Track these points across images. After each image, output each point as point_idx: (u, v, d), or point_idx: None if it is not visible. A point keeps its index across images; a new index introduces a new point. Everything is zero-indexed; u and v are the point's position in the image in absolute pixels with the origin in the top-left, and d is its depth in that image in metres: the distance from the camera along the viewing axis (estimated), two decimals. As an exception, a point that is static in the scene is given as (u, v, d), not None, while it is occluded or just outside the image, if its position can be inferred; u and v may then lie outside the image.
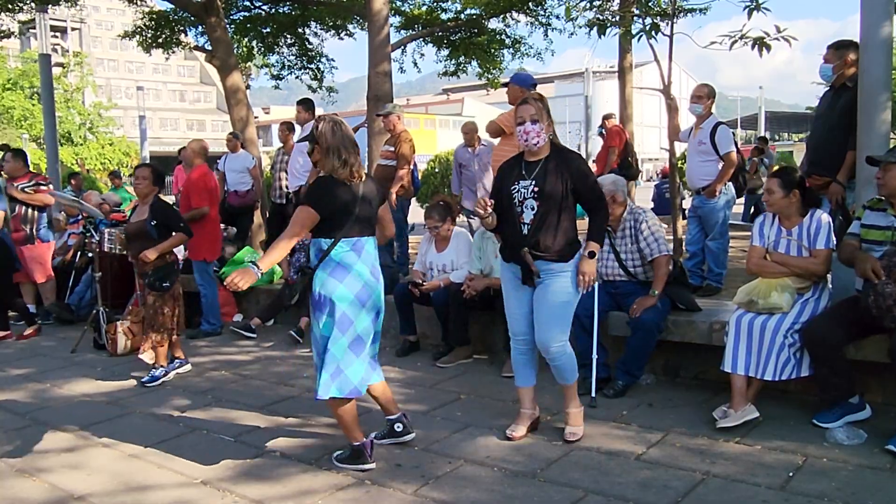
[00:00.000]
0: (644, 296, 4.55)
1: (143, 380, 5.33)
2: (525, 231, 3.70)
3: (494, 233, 4.15)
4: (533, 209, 3.69)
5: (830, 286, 4.23)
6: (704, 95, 5.95)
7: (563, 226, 3.69)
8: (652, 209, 5.74)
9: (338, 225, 3.51)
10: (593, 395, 4.43)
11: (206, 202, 6.74)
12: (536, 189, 3.67)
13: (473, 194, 7.67)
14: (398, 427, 3.88)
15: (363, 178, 3.63)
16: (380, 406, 3.93)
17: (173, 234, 5.50)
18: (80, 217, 8.46)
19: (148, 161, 16.97)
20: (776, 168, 5.45)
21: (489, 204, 3.69)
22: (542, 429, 4.06)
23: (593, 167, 11.20)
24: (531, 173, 3.72)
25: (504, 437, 3.95)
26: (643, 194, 14.65)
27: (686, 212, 6.74)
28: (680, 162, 9.00)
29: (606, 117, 10.54)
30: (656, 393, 4.60)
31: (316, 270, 3.52)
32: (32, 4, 10.83)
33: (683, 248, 6.40)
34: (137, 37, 12.86)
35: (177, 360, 5.57)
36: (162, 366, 5.39)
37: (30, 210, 7.57)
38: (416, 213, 8.74)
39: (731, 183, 5.91)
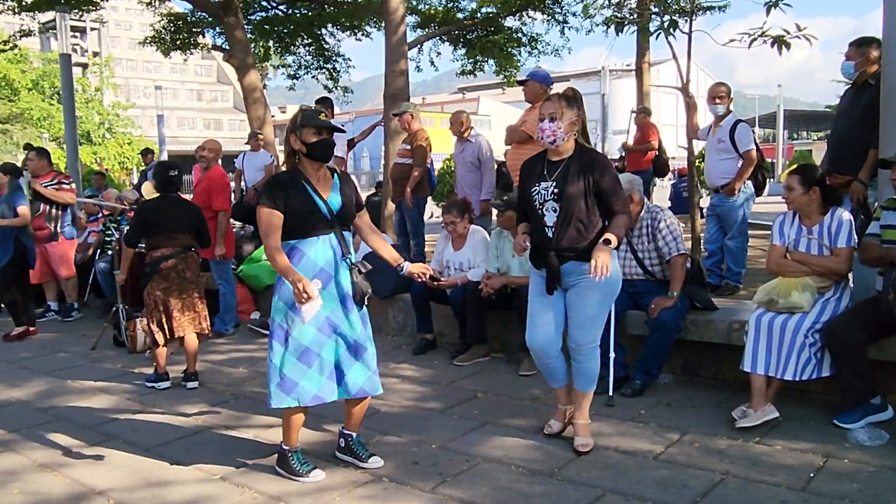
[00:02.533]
0: (662, 295, 4.52)
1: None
2: (549, 234, 3.57)
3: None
4: (555, 211, 3.55)
5: (852, 286, 4.18)
6: (725, 95, 5.90)
7: (589, 226, 3.55)
8: (669, 208, 5.71)
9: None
10: (611, 394, 4.41)
11: (228, 204, 6.80)
12: (556, 191, 3.54)
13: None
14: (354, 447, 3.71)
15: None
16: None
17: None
18: (99, 215, 8.56)
19: (166, 160, 17.09)
20: (794, 166, 5.40)
21: (526, 242, 3.63)
22: (560, 428, 4.05)
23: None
24: (552, 174, 3.59)
25: (522, 435, 3.94)
26: (660, 193, 14.56)
27: (704, 210, 6.69)
28: (698, 160, 8.93)
29: (642, 111, 10.37)
30: (674, 392, 4.57)
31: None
32: (56, 8, 10.95)
33: (702, 246, 6.35)
34: (156, 43, 13.00)
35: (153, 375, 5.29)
36: (157, 371, 5.27)
37: (53, 208, 7.68)
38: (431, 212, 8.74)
39: (750, 181, 5.86)
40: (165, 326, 5.16)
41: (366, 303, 3.50)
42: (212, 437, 4.19)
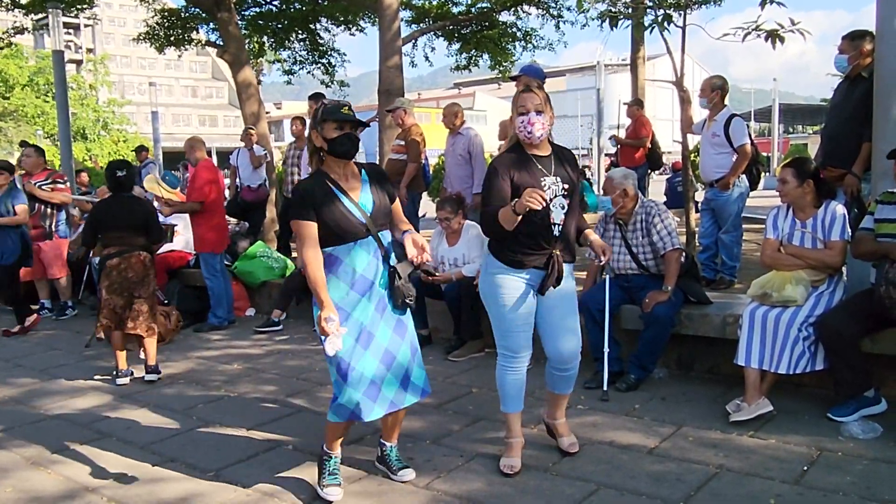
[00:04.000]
0: (656, 290, 4.52)
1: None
2: (556, 232, 3.33)
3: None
4: (563, 208, 3.33)
5: (846, 279, 4.19)
6: (708, 88, 5.90)
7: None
8: (664, 202, 5.70)
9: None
10: (605, 388, 4.41)
11: (202, 196, 6.71)
12: (566, 186, 3.34)
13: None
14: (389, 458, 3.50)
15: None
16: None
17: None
18: (93, 212, 8.53)
19: (116, 160, 17.07)
20: (789, 159, 5.39)
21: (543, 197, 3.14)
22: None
23: (605, 162, 11.02)
24: (550, 169, 3.35)
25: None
26: (655, 188, 14.56)
27: (699, 205, 6.69)
28: (693, 155, 8.94)
29: (635, 103, 10.36)
30: (669, 387, 4.57)
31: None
32: (48, 5, 10.89)
33: (696, 241, 6.35)
34: (150, 39, 12.96)
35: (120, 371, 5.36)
36: (117, 367, 5.37)
37: (48, 208, 7.69)
38: (427, 207, 8.73)
39: (744, 175, 5.86)
40: (104, 321, 5.33)
41: (409, 305, 3.23)
42: (205, 434, 4.18)
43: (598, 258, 3.55)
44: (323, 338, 2.98)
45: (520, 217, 3.17)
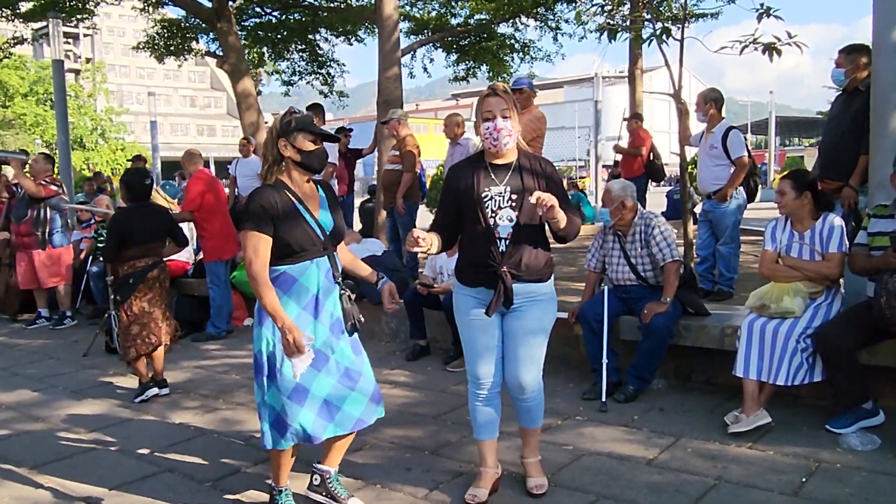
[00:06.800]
0: (655, 301, 4.53)
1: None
2: (503, 247, 3.08)
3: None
4: (511, 220, 3.08)
5: (843, 291, 4.20)
6: (702, 101, 5.94)
7: (542, 241, 3.17)
8: (663, 213, 5.72)
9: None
10: (604, 399, 4.42)
11: (189, 206, 6.76)
12: (514, 197, 3.08)
13: None
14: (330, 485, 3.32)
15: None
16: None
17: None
18: (91, 221, 8.52)
19: (138, 167, 17.05)
20: (787, 171, 5.42)
21: (422, 239, 3.00)
22: (553, 433, 4.04)
23: (603, 173, 11.04)
24: (502, 178, 3.12)
25: (515, 440, 3.83)
26: (652, 199, 14.59)
27: (697, 216, 6.71)
28: (690, 167, 8.98)
29: (634, 117, 10.43)
30: (667, 398, 4.58)
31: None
32: (49, 15, 10.94)
33: (694, 252, 6.37)
34: (150, 48, 13.03)
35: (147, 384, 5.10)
36: (141, 383, 5.12)
37: (41, 213, 7.60)
38: (424, 218, 8.75)
39: (742, 187, 5.88)
40: (152, 337, 5.04)
41: (357, 329, 3.16)
42: (203, 443, 4.17)
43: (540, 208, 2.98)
44: (287, 358, 2.94)
45: (434, 242, 3.12)
